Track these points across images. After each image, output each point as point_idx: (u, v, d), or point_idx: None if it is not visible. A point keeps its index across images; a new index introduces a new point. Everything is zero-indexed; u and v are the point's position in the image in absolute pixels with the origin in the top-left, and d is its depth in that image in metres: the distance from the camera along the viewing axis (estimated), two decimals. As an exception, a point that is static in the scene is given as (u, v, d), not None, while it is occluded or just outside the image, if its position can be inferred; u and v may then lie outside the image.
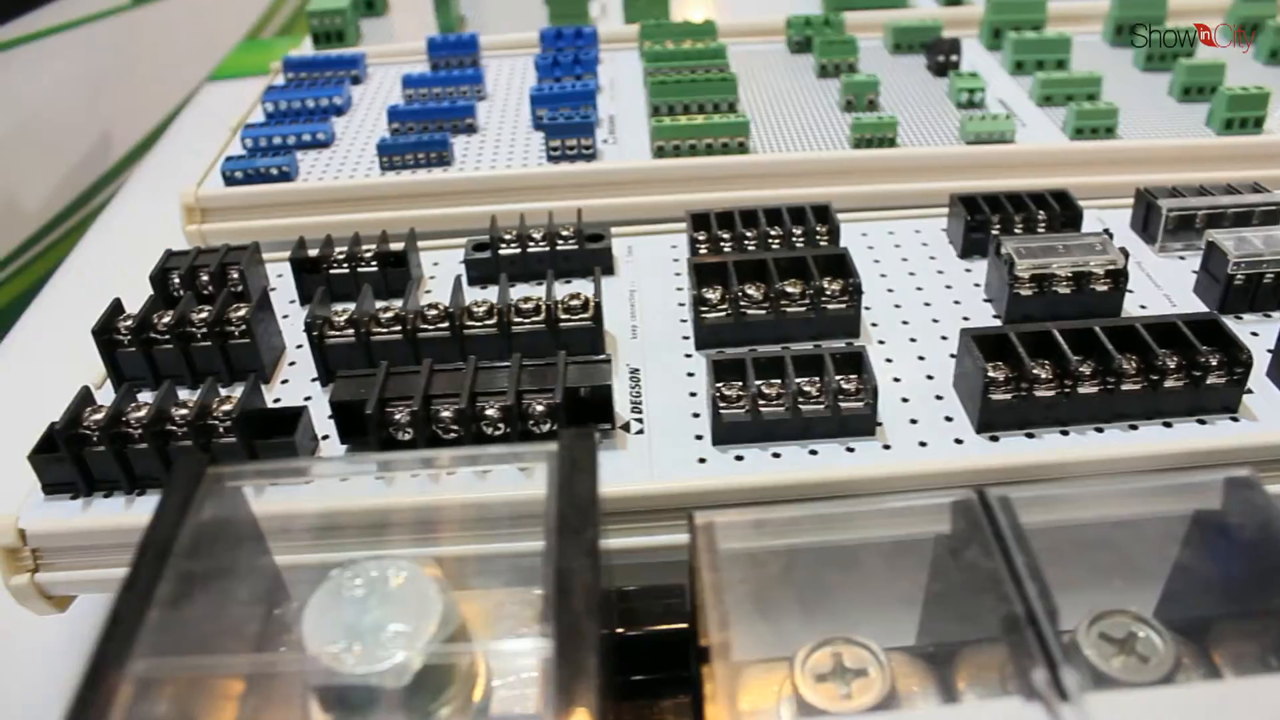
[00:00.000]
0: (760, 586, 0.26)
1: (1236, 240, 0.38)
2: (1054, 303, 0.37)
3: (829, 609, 0.26)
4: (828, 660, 0.25)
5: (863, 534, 0.25)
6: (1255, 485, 0.25)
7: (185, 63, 0.69)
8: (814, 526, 0.25)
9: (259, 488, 0.32)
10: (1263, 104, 0.47)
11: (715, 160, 0.45)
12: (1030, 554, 0.24)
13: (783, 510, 0.25)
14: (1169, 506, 0.26)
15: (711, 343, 0.37)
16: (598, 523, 0.24)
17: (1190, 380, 0.33)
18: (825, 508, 0.26)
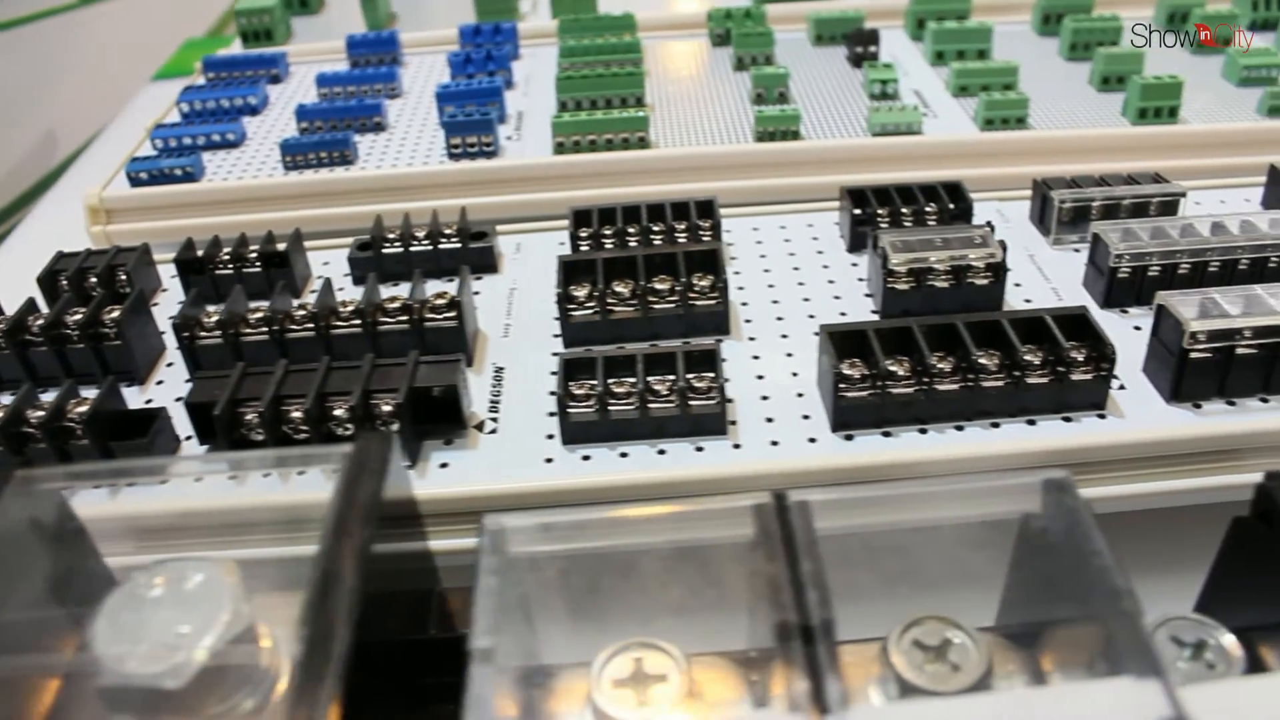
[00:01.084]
0: (554, 591, 0.25)
1: (1122, 232, 0.37)
2: (931, 297, 0.36)
3: (629, 613, 0.25)
4: (628, 665, 0.24)
5: (657, 539, 0.24)
6: (1068, 487, 0.24)
7: (139, 62, 0.69)
8: (607, 531, 0.24)
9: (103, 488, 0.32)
10: (1176, 93, 0.45)
11: (614, 156, 0.44)
12: (817, 560, 0.23)
13: (574, 514, 0.24)
14: (995, 509, 0.25)
15: (580, 341, 0.36)
16: (374, 526, 0.23)
17: (1055, 377, 0.31)
18: (623, 511, 0.25)
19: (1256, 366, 0.32)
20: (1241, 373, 0.32)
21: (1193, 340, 0.31)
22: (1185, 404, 0.32)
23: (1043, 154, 0.45)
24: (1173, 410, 0.32)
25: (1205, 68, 0.52)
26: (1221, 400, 0.32)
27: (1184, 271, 0.36)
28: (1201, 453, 0.32)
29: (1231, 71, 0.50)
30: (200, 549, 0.31)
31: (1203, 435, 0.31)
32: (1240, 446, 0.31)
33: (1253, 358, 0.32)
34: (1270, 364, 0.32)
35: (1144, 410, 0.32)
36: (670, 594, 0.25)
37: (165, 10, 0.79)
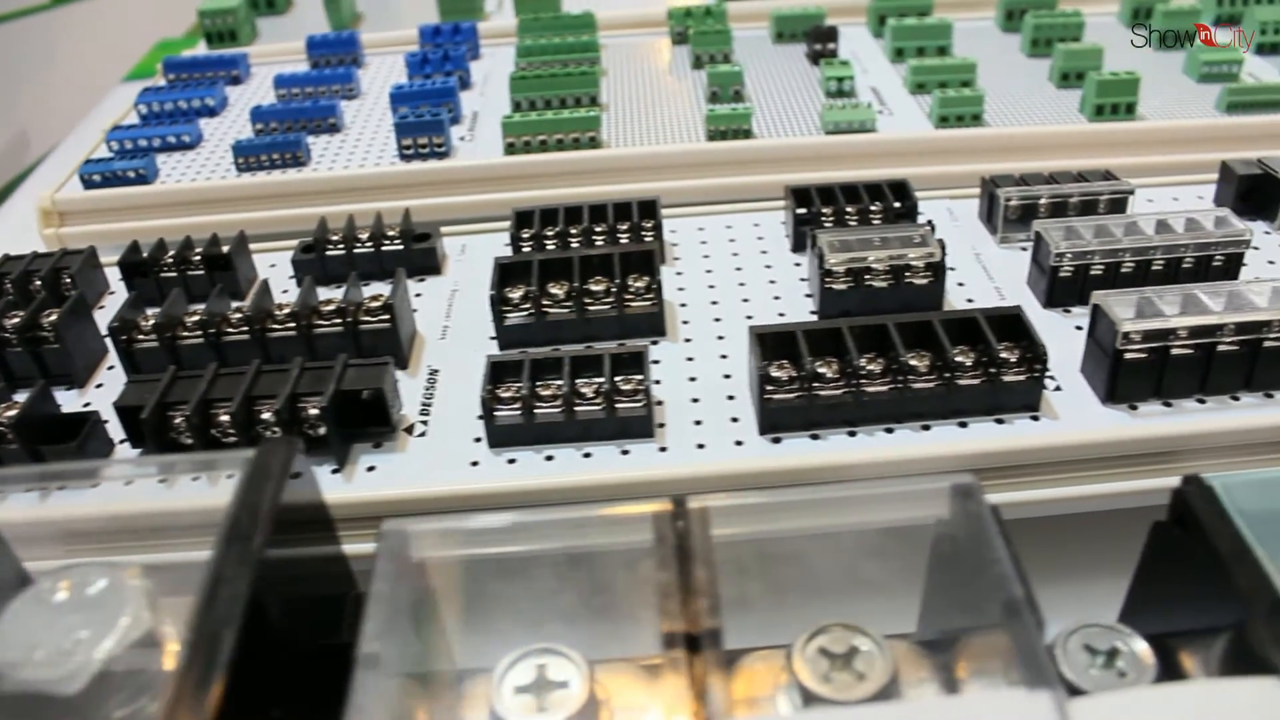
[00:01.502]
0: (456, 597, 0.24)
1: (1065, 231, 0.36)
2: (870, 297, 0.35)
3: (534, 619, 0.25)
4: (531, 672, 0.23)
5: (558, 545, 0.24)
6: (973, 493, 0.23)
7: (116, 62, 0.68)
8: (507, 537, 0.24)
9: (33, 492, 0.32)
10: (1133, 89, 0.45)
11: (564, 156, 0.44)
12: (710, 567, 0.22)
13: (476, 520, 0.24)
14: (904, 515, 0.25)
15: (515, 343, 0.35)
16: (269, 531, 0.23)
17: (987, 378, 0.31)
18: (533, 515, 0.24)
19: (1193, 367, 0.31)
20: (1178, 374, 0.31)
21: (1126, 341, 0.30)
22: (1121, 405, 0.31)
23: (997, 151, 0.44)
24: (1108, 412, 0.31)
25: (1168, 64, 0.51)
26: (1158, 401, 0.32)
27: (1127, 270, 0.35)
28: (1136, 455, 0.31)
29: (1192, 68, 0.49)
30: (123, 553, 0.31)
31: (1136, 437, 0.30)
32: (1175, 449, 0.31)
33: (1189, 359, 0.31)
34: (1207, 365, 0.31)
35: (1078, 412, 0.31)
36: (573, 600, 0.24)
37: (143, 10, 0.78)
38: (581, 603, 0.24)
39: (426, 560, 0.25)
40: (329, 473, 0.31)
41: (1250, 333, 0.31)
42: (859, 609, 0.24)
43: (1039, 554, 0.33)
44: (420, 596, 0.24)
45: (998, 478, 0.31)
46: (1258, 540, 0.23)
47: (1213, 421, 0.31)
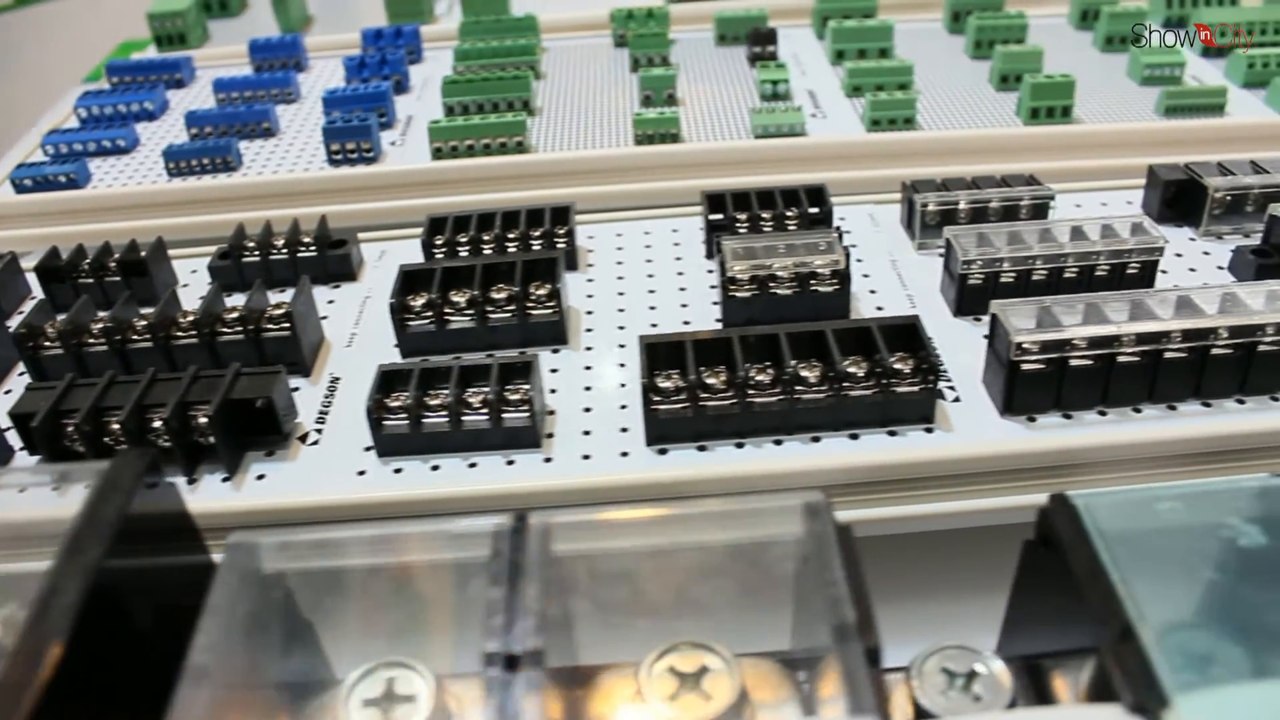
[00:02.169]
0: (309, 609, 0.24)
1: (977, 238, 0.35)
2: (774, 304, 0.34)
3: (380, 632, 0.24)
4: (380, 685, 0.23)
5: (405, 558, 0.23)
6: (820, 511, 0.22)
7: (81, 65, 0.68)
8: (363, 549, 0.24)
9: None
10: (1068, 92, 0.44)
11: (490, 161, 0.43)
12: (544, 584, 0.22)
13: (336, 532, 0.24)
14: (761, 532, 0.24)
15: (417, 351, 0.35)
16: (110, 543, 0.23)
17: (880, 389, 0.30)
18: (380, 529, 0.24)
19: (1093, 379, 0.30)
20: (1077, 385, 0.30)
21: (1021, 351, 0.30)
22: (1019, 418, 0.30)
23: (928, 155, 0.44)
24: (1005, 424, 0.30)
25: (1113, 66, 0.50)
26: (1058, 413, 0.31)
27: (1039, 278, 0.35)
28: (1033, 469, 0.30)
29: (1135, 70, 0.48)
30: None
31: (1031, 450, 0.30)
32: (1072, 462, 0.30)
33: (1088, 370, 0.30)
34: (1107, 376, 0.30)
35: (974, 424, 0.30)
36: (415, 615, 0.24)
37: (113, 11, 0.78)
38: (422, 617, 0.24)
39: (283, 571, 0.24)
40: (220, 481, 0.31)
41: (1151, 344, 0.30)
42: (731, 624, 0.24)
43: (933, 570, 0.33)
44: (270, 608, 0.24)
45: (890, 490, 0.30)
46: (1116, 562, 0.22)
47: (1111, 434, 0.30)
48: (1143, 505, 0.24)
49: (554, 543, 0.23)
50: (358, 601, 0.24)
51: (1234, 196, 0.39)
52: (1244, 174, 0.40)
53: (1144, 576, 0.22)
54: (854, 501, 0.29)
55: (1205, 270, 0.38)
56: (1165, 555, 0.23)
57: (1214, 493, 0.24)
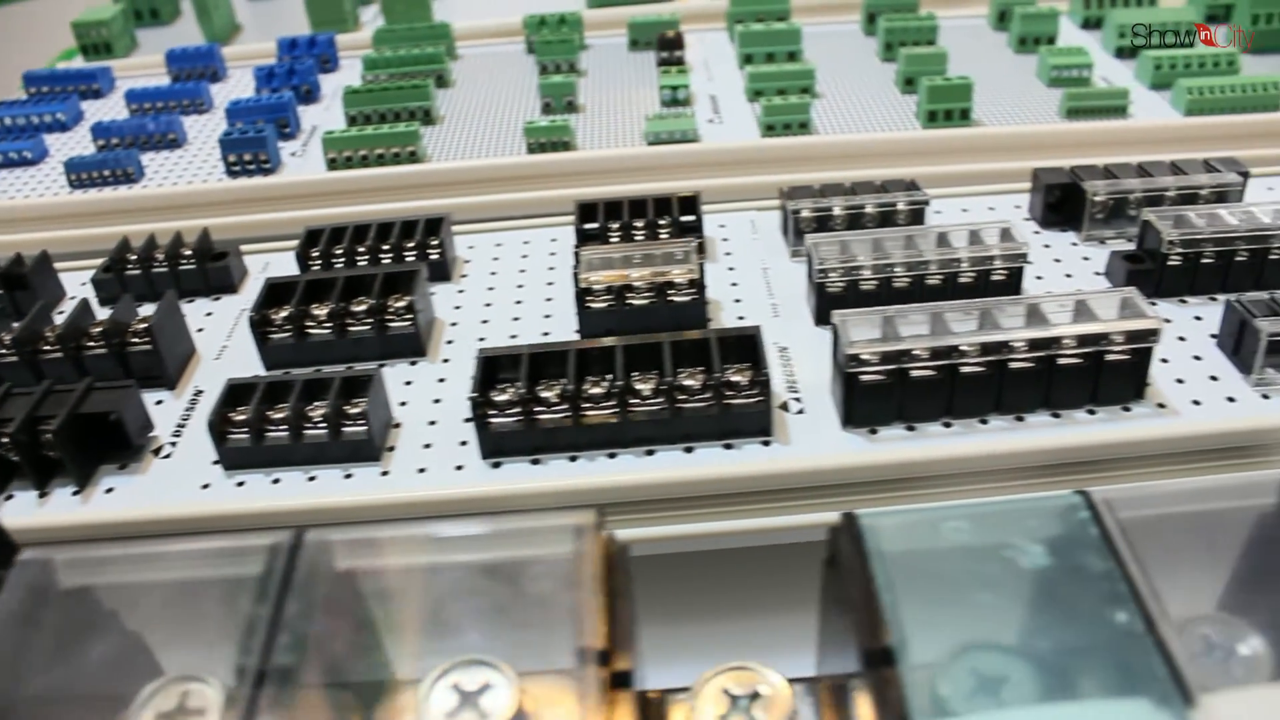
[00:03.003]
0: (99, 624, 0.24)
1: (839, 245, 0.35)
2: (632, 316, 0.34)
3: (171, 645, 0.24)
4: (174, 699, 0.23)
5: (184, 575, 0.23)
6: (584, 532, 0.22)
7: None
8: (148, 565, 0.24)
9: None
10: (965, 95, 0.43)
11: (383, 171, 0.43)
12: (307, 603, 0.21)
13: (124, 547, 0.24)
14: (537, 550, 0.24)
15: (279, 364, 0.35)
16: None
17: (716, 402, 0.30)
18: (159, 546, 0.24)
19: (936, 390, 0.30)
20: (919, 397, 0.30)
21: (856, 362, 0.29)
22: (860, 430, 0.30)
23: (822, 160, 0.43)
24: (845, 437, 0.30)
25: (1026, 67, 0.49)
26: (901, 425, 0.30)
27: (901, 285, 0.34)
28: (874, 482, 0.30)
29: (1043, 71, 0.47)
30: None
31: (865, 464, 0.29)
32: (914, 475, 0.30)
33: (930, 381, 0.30)
34: (951, 387, 0.30)
35: (813, 437, 0.30)
36: (204, 628, 0.24)
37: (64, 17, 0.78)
38: (204, 633, 0.24)
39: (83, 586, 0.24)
40: (70, 495, 0.31)
41: (996, 354, 0.30)
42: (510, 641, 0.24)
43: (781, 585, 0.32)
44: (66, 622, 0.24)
45: (725, 504, 0.30)
46: (890, 583, 0.22)
47: (954, 447, 0.30)
48: (929, 525, 0.23)
49: (334, 559, 0.23)
50: (144, 616, 0.24)
51: (1115, 200, 0.38)
52: (1129, 177, 0.39)
53: (918, 599, 0.22)
54: (682, 516, 0.29)
55: (1082, 276, 0.37)
56: (945, 576, 0.22)
57: (1004, 512, 0.23)
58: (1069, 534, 0.23)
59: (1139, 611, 0.21)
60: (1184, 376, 0.32)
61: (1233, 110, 0.44)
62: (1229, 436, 0.30)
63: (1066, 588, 0.22)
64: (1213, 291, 0.35)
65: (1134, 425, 0.30)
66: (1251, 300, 0.32)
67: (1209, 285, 0.35)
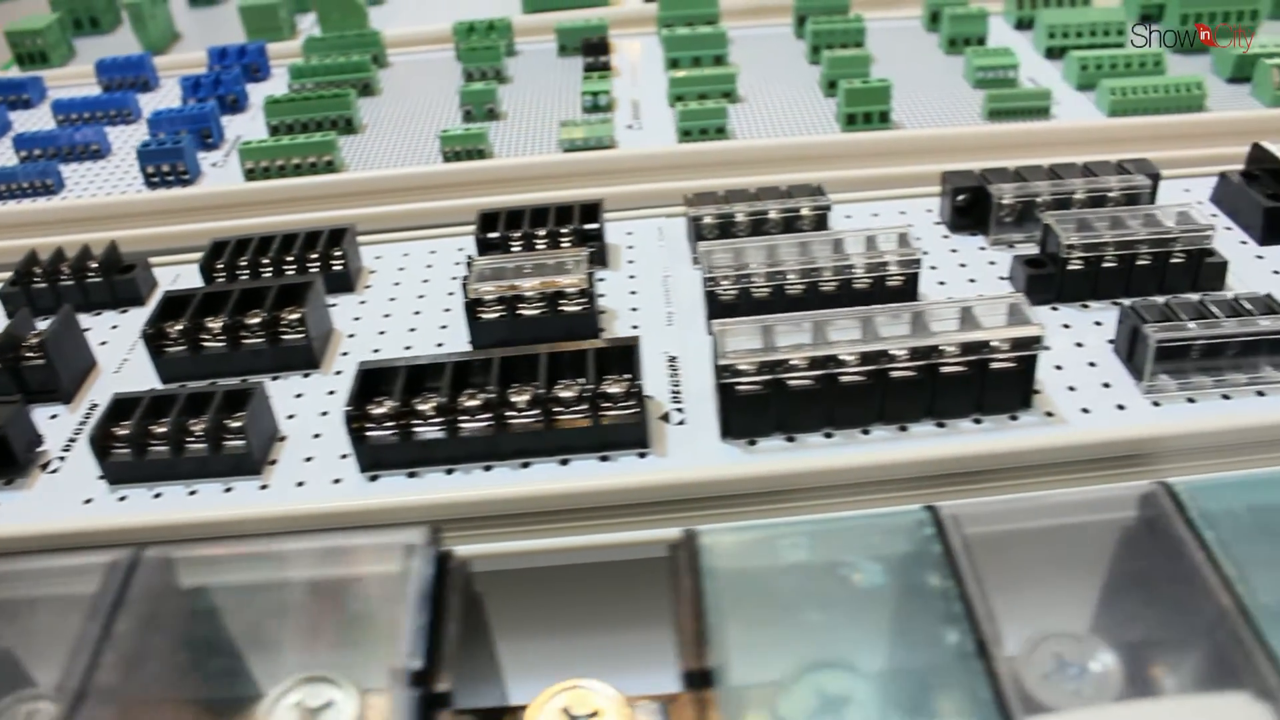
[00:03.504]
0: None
1: (733, 253, 0.35)
2: (523, 326, 0.34)
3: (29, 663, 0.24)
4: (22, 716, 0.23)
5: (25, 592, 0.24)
6: (417, 551, 0.22)
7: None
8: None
9: None
10: (884, 98, 0.43)
11: (297, 181, 0.43)
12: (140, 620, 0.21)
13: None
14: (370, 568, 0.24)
15: (176, 377, 0.35)
16: None
17: (591, 414, 0.30)
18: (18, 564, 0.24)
19: (816, 400, 0.30)
20: (798, 407, 0.30)
21: (730, 373, 0.29)
22: (739, 441, 0.30)
23: (740, 165, 0.43)
24: (722, 448, 0.30)
25: (956, 68, 0.49)
26: (781, 436, 0.30)
27: (794, 293, 0.34)
28: (753, 494, 0.30)
29: (970, 73, 0.47)
30: None
31: (740, 476, 0.29)
32: (791, 487, 0.29)
33: (809, 391, 0.30)
34: (831, 397, 0.30)
35: (691, 448, 0.30)
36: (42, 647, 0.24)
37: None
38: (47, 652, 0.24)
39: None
40: (-45, 510, 0.31)
41: (876, 363, 0.30)
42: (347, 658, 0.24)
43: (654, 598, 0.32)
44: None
45: (602, 518, 0.30)
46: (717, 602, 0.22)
47: (833, 458, 0.29)
48: (769, 543, 0.23)
49: (176, 577, 0.23)
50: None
51: (1023, 204, 0.38)
52: (1039, 179, 0.39)
53: (748, 618, 0.22)
54: (558, 529, 0.29)
55: (987, 280, 0.37)
56: (778, 594, 0.22)
57: (846, 529, 0.23)
58: (912, 550, 0.23)
59: (971, 632, 0.21)
60: (1077, 384, 0.32)
61: (1156, 111, 0.44)
62: (1115, 445, 0.30)
63: (903, 606, 0.22)
64: (1116, 296, 0.35)
65: (1019, 435, 0.30)
66: (1145, 306, 0.32)
67: (1112, 289, 0.35)
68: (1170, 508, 0.23)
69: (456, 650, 0.21)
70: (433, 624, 0.21)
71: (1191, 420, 0.30)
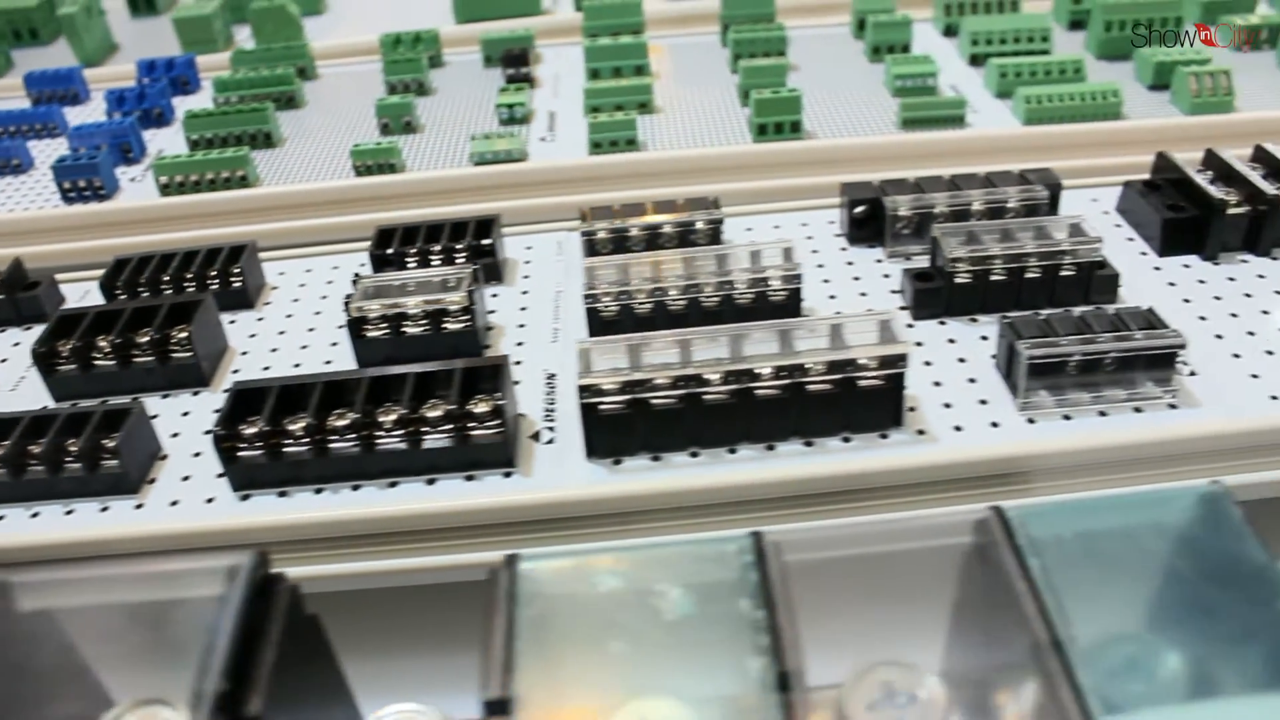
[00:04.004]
0: None
1: (616, 269, 0.35)
2: (406, 345, 0.35)
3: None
4: None
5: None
6: (237, 573, 0.23)
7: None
8: None
9: None
10: (795, 108, 0.43)
11: (207, 197, 0.44)
12: None
13: None
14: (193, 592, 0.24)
15: (67, 395, 0.36)
16: None
17: (457, 434, 0.30)
18: None
19: (680, 419, 0.30)
20: (662, 426, 0.30)
21: (591, 392, 0.30)
22: (604, 460, 0.30)
23: (648, 176, 0.44)
24: (588, 468, 0.31)
25: (879, 76, 0.49)
26: (647, 455, 0.31)
27: (676, 310, 0.35)
28: (619, 514, 0.30)
29: (890, 81, 0.47)
30: None
31: (601, 496, 0.30)
32: (655, 507, 0.30)
33: (672, 410, 0.30)
34: (696, 416, 0.30)
35: (557, 468, 0.31)
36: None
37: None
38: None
39: None
40: None
41: (740, 382, 0.30)
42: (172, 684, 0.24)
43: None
44: None
45: (467, 537, 0.30)
46: (520, 631, 0.22)
47: (697, 478, 0.30)
48: (582, 569, 0.23)
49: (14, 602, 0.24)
50: None
51: (920, 215, 0.38)
52: (939, 190, 0.39)
53: (546, 649, 0.22)
54: (422, 549, 0.30)
55: (879, 294, 0.37)
56: (589, 624, 0.23)
57: (663, 556, 0.23)
58: (729, 578, 0.23)
59: (775, 665, 0.21)
60: (955, 400, 0.32)
61: (1073, 119, 0.45)
62: (982, 465, 0.31)
63: (713, 636, 0.22)
64: (1006, 309, 0.36)
65: (885, 454, 0.31)
66: (1023, 321, 0.33)
67: (1002, 303, 0.36)
68: (1000, 534, 0.24)
69: (272, 673, 0.22)
70: (249, 647, 0.22)
71: (1062, 438, 0.31)
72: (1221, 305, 0.36)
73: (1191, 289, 0.37)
